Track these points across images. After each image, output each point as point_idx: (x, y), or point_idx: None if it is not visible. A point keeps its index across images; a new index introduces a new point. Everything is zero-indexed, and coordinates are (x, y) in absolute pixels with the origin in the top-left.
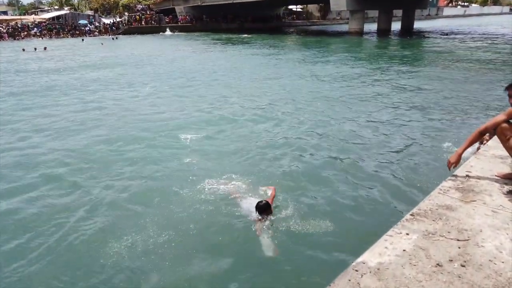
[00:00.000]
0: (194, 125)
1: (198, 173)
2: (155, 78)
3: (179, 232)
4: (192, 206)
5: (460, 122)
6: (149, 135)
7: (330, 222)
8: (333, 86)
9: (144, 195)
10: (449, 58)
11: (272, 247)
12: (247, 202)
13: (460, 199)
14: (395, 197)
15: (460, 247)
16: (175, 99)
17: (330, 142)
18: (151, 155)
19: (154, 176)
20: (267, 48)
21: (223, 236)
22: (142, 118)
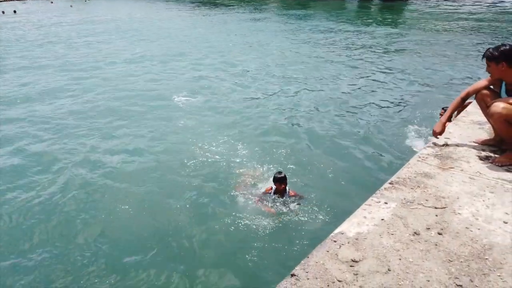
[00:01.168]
0: (184, 88)
1: (192, 136)
2: (136, 43)
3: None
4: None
5: (441, 88)
6: (140, 101)
7: (313, 195)
8: (315, 50)
9: (141, 159)
10: (431, 21)
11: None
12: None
13: (438, 166)
14: (376, 166)
15: (437, 215)
16: (161, 65)
17: (307, 110)
18: (146, 117)
19: (152, 142)
20: (249, 11)
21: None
22: (134, 85)
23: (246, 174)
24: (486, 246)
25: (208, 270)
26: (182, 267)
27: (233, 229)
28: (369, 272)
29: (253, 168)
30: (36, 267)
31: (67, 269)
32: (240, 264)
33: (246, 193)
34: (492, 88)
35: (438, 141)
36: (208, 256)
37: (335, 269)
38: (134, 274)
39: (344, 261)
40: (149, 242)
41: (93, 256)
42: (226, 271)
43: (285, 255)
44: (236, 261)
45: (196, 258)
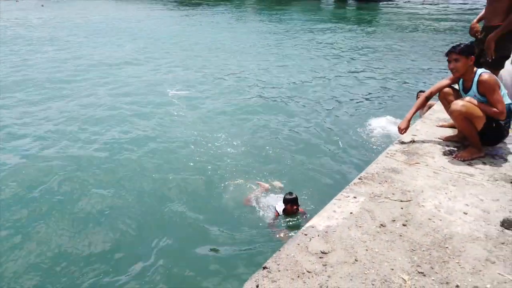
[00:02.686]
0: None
1: (185, 130)
2: (119, 41)
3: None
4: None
5: (410, 85)
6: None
7: (284, 190)
8: (291, 48)
9: (134, 153)
10: (403, 22)
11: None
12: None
13: (405, 161)
14: (347, 162)
15: (402, 207)
16: (146, 62)
17: (279, 108)
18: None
19: (145, 135)
20: (226, 12)
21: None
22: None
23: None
24: (447, 236)
25: (179, 263)
26: (162, 262)
27: (206, 227)
28: (337, 263)
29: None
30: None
31: (55, 269)
32: (211, 261)
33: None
34: (454, 87)
35: (405, 138)
36: (182, 250)
37: (305, 261)
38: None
39: (314, 253)
40: (140, 243)
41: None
42: (200, 265)
43: (259, 250)
44: (208, 258)
45: (168, 252)
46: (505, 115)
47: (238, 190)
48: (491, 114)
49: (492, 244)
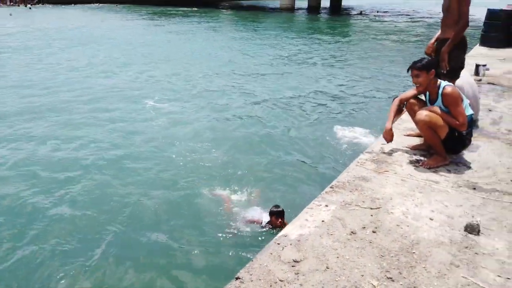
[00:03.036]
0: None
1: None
2: (93, 51)
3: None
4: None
5: (378, 96)
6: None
7: (260, 200)
8: (265, 58)
9: (111, 164)
10: (373, 33)
11: None
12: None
13: (374, 170)
14: (320, 172)
15: (372, 215)
16: (123, 72)
17: (251, 118)
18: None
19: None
20: (203, 23)
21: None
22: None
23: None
24: (414, 241)
25: (150, 275)
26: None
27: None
28: (309, 271)
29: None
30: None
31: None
32: (183, 273)
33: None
34: (421, 97)
35: (375, 148)
36: (153, 259)
37: (277, 270)
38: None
39: (286, 262)
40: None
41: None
42: (171, 276)
43: (233, 262)
44: (180, 270)
45: (136, 262)
46: (466, 126)
47: (211, 199)
48: (453, 126)
49: (456, 249)
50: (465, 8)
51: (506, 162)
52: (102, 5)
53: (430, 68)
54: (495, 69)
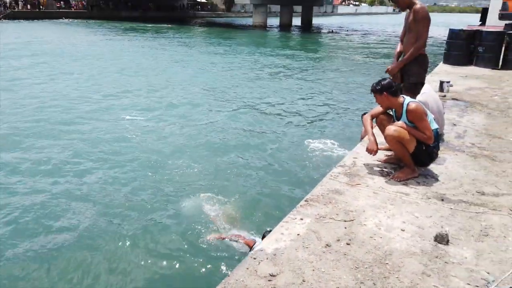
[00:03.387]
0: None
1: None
2: (66, 67)
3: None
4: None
5: (348, 110)
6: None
7: (236, 216)
8: (239, 76)
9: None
10: (340, 52)
11: None
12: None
13: (347, 183)
14: (295, 186)
15: (346, 227)
16: (98, 86)
17: (224, 133)
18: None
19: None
20: (177, 39)
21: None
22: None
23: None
24: (387, 252)
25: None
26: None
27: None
28: (286, 285)
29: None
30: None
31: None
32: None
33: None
34: (389, 112)
35: (347, 161)
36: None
37: (254, 284)
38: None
39: (262, 276)
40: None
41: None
42: None
43: (208, 277)
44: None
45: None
46: (433, 140)
47: (191, 213)
48: (421, 139)
49: (427, 258)
50: (423, 29)
51: (471, 174)
52: (71, 20)
53: (381, 91)
54: (458, 85)
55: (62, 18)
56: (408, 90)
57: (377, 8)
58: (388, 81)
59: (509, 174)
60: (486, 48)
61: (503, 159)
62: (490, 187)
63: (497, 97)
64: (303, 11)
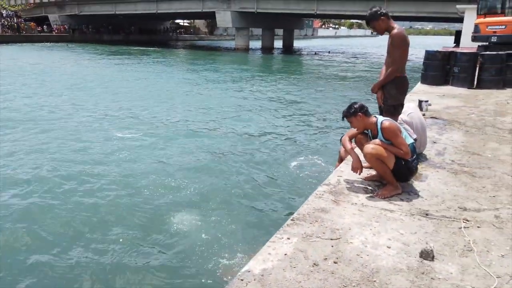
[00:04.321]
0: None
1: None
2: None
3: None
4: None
5: (329, 129)
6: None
7: (221, 236)
8: (221, 98)
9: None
10: (322, 73)
11: None
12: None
13: (333, 201)
14: (280, 205)
15: (333, 245)
16: (92, 107)
17: (206, 153)
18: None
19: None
20: (162, 62)
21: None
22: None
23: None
24: (374, 270)
25: None
26: None
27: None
28: None
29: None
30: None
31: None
32: None
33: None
34: (366, 132)
35: (332, 179)
36: None
37: None
38: None
39: None
40: None
41: None
42: None
43: None
44: None
45: None
46: (409, 154)
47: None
48: (398, 155)
49: (414, 275)
50: (400, 53)
51: (452, 190)
52: (53, 44)
53: (355, 113)
54: (436, 104)
55: (43, 42)
56: (387, 111)
57: (355, 31)
58: (360, 103)
59: (489, 189)
60: (461, 69)
61: (482, 175)
62: (472, 202)
63: (473, 115)
64: (285, 34)
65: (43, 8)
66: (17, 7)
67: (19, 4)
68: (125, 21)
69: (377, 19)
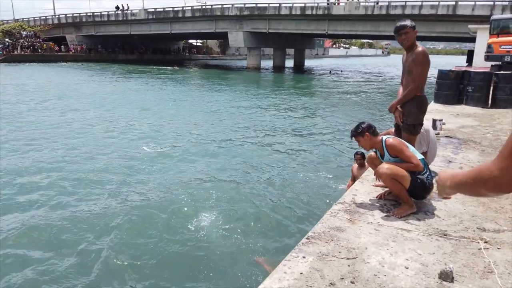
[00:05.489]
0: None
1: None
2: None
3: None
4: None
5: (344, 145)
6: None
7: (235, 252)
8: (236, 115)
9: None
10: (334, 92)
11: None
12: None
13: (348, 220)
14: (295, 222)
15: (349, 265)
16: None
17: (225, 170)
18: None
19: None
20: (175, 80)
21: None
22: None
23: None
24: None
25: None
26: None
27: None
28: None
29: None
30: None
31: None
32: None
33: None
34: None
35: (347, 198)
36: None
37: None
38: None
39: None
40: None
41: None
42: None
43: None
44: None
45: None
46: (421, 166)
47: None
48: (411, 169)
49: None
50: (422, 72)
51: (470, 210)
52: (71, 64)
53: (363, 133)
54: (450, 123)
55: (60, 61)
56: (406, 130)
57: (366, 51)
58: (367, 123)
59: (507, 210)
60: (475, 88)
61: (500, 195)
62: (491, 223)
63: (489, 135)
64: (296, 54)
65: (61, 29)
66: (36, 28)
67: (38, 25)
68: (139, 41)
69: (414, 29)
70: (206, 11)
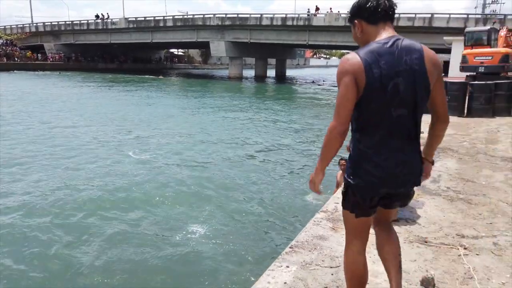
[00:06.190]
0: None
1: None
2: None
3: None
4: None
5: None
6: None
7: (217, 264)
8: (219, 124)
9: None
10: (316, 101)
11: None
12: None
13: (331, 228)
14: (277, 232)
15: (333, 273)
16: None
17: (207, 178)
18: None
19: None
20: (156, 89)
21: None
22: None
23: None
24: None
25: None
26: None
27: None
28: None
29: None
30: None
31: None
32: None
33: None
34: None
35: (329, 206)
36: None
37: None
38: None
39: None
40: None
41: None
42: None
43: None
44: None
45: None
46: None
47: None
48: None
49: None
50: None
51: (449, 217)
52: (49, 72)
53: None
54: (427, 132)
55: (37, 70)
56: None
57: None
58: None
59: (485, 216)
60: (451, 97)
61: (478, 202)
62: (469, 229)
63: (466, 143)
64: (277, 64)
65: (39, 37)
66: (12, 36)
67: (15, 33)
68: (120, 50)
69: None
70: (187, 21)
